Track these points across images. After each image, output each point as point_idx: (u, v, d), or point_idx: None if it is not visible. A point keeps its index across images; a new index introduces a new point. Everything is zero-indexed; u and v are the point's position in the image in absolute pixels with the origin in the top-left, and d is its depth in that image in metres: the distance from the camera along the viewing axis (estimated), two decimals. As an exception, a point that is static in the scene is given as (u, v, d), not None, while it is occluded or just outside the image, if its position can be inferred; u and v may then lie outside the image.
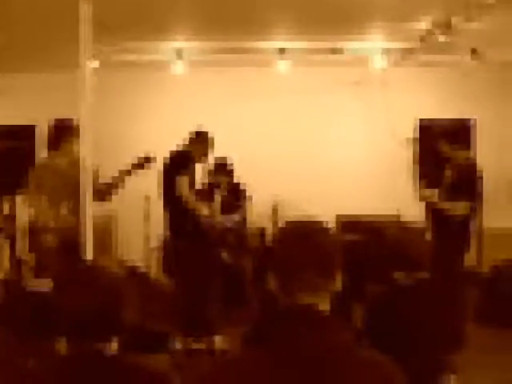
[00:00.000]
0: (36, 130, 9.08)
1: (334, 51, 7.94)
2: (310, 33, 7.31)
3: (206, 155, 6.95)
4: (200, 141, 6.85)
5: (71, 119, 5.59)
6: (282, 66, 8.15)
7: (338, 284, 2.14)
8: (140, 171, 5.86)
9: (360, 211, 8.68)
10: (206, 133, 6.88)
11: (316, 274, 2.09)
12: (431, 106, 9.30)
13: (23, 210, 5.64)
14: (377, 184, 9.18)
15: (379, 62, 8.13)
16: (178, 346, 6.31)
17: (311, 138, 9.43)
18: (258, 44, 7.73)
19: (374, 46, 7.96)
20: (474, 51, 7.77)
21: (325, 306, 2.11)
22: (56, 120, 5.78)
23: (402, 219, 7.70)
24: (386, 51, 8.04)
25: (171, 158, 6.76)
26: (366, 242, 6.88)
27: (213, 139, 6.85)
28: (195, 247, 6.61)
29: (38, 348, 3.03)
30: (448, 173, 6.28)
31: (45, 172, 5.71)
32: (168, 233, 6.89)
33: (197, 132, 6.88)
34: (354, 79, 8.77)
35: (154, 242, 8.87)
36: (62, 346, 2.33)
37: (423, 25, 6.80)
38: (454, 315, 3.55)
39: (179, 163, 6.68)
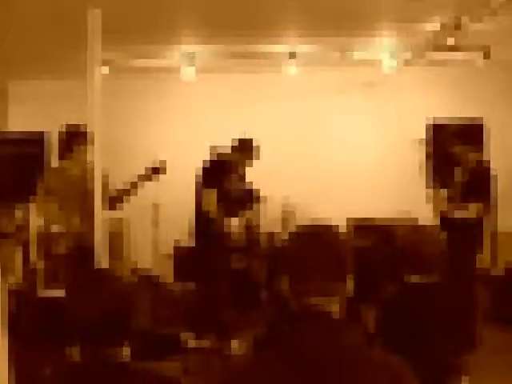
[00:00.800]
0: (46, 136, 9.11)
1: (344, 53, 7.93)
2: (320, 35, 7.30)
3: (246, 164, 6.88)
4: (242, 149, 6.79)
5: (81, 126, 5.60)
6: (292, 68, 8.14)
7: (350, 287, 2.13)
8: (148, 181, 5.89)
9: (371, 213, 8.65)
10: (250, 141, 6.82)
11: (327, 277, 2.08)
12: (442, 106, 9.26)
13: (35, 217, 5.66)
14: (388, 186, 9.14)
15: (390, 64, 8.11)
16: (190, 350, 6.31)
17: (321, 140, 9.41)
18: (267, 47, 7.72)
19: (384, 47, 7.94)
20: (485, 51, 7.73)
21: (336, 308, 2.10)
22: (66, 127, 5.80)
23: (413, 221, 7.67)
24: (397, 52, 8.03)
25: (204, 169, 6.74)
26: (377, 245, 6.85)
27: (257, 148, 6.80)
28: (210, 252, 6.63)
29: (50, 355, 3.04)
30: (460, 174, 6.25)
31: (55, 179, 5.73)
32: (187, 240, 6.92)
33: (240, 140, 6.83)
34: (364, 81, 8.75)
35: (166, 249, 8.87)
36: (74, 352, 2.33)
37: (433, 25, 6.78)
38: (467, 316, 3.53)
39: (210, 175, 6.66)
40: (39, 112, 9.22)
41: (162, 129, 9.47)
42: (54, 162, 6.12)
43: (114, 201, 5.83)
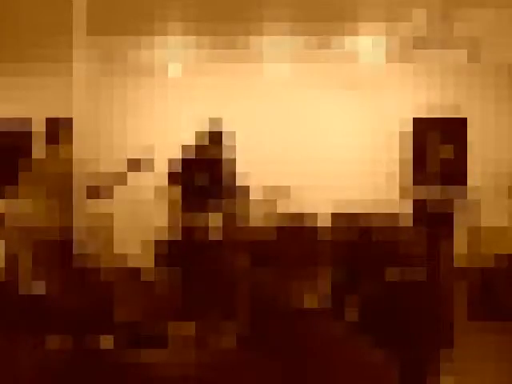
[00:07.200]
0: (30, 126, 9.05)
1: (327, 48, 7.95)
2: (303, 30, 7.33)
3: (215, 154, 6.97)
4: (211, 141, 6.87)
5: (66, 118, 5.60)
6: (273, 64, 8.18)
7: (331, 281, 2.15)
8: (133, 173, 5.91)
9: (353, 209, 8.68)
10: (218, 133, 6.91)
11: (309, 271, 2.11)
12: (424, 101, 9.31)
13: (18, 209, 5.64)
14: (367, 180, 9.18)
15: (372, 59, 8.15)
16: (175, 343, 6.32)
17: (304, 133, 9.44)
18: (249, 41, 7.75)
19: (366, 42, 7.97)
20: (470, 48, 7.77)
21: (318, 302, 2.13)
22: (51, 119, 5.79)
23: (392, 216, 7.73)
24: (380, 48, 8.06)
25: (170, 166, 6.81)
26: (358, 240, 6.89)
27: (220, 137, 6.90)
28: (193, 247, 6.66)
29: (32, 347, 3.04)
30: (437, 168, 6.30)
31: (39, 169, 5.72)
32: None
33: (209, 132, 6.91)
34: (346, 76, 8.78)
35: (152, 242, 8.85)
36: (57, 344, 2.33)
37: (418, 21, 6.81)
38: (442, 311, 3.57)
39: (175, 171, 6.73)
40: (24, 104, 9.16)
41: (149, 123, 9.45)
42: (38, 153, 6.10)
43: (94, 191, 5.83)
